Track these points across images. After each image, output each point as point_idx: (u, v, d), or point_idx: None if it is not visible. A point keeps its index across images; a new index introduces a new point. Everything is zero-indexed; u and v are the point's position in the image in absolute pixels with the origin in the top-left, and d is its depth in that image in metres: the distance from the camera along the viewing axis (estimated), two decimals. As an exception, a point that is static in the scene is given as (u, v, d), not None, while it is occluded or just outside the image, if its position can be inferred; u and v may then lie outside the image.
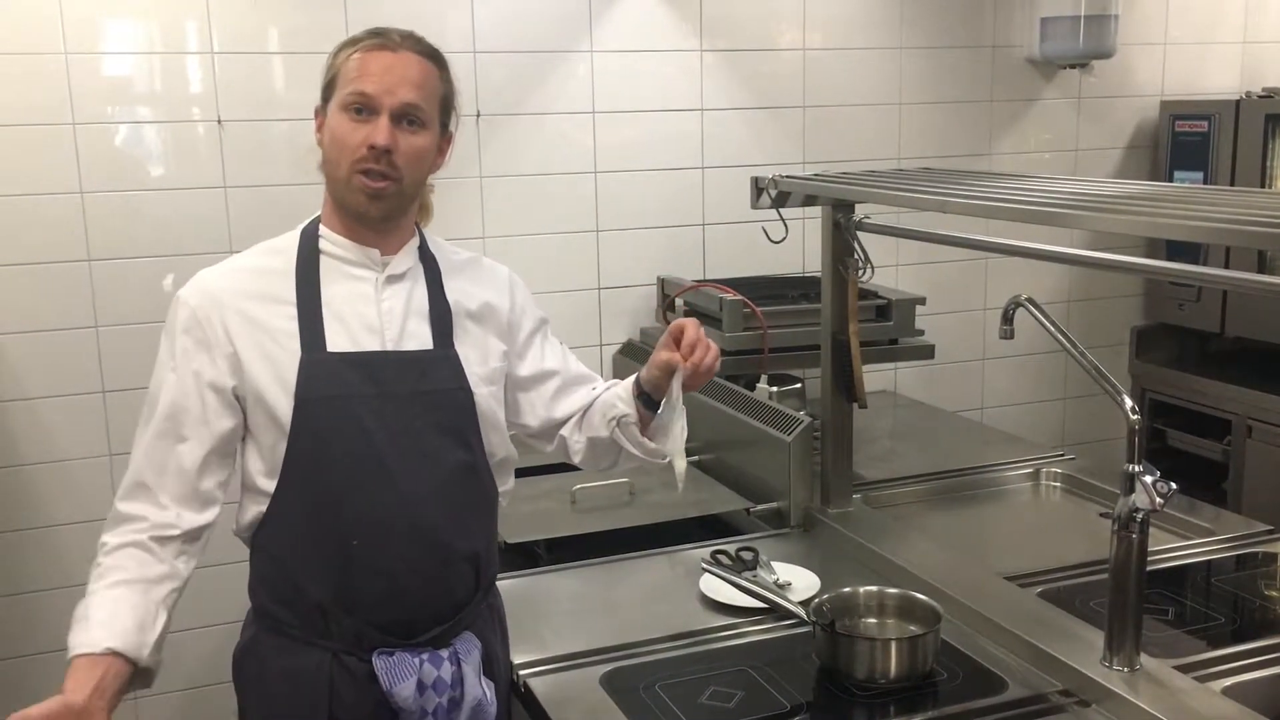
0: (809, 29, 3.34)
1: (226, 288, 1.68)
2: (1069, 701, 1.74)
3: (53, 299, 2.79)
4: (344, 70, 1.67)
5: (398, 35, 1.71)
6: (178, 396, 1.65)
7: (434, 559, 1.71)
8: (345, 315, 1.68)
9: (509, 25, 3.05)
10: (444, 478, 1.71)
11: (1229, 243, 1.70)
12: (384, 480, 1.65)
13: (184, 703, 3.03)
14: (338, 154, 1.67)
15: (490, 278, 1.86)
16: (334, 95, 1.68)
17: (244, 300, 1.67)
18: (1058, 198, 1.81)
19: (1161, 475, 1.67)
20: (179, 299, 1.69)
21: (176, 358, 1.66)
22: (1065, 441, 3.66)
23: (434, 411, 1.70)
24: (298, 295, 1.68)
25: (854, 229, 2.30)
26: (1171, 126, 3.64)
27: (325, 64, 1.72)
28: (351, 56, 1.68)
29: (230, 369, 1.65)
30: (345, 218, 1.72)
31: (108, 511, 2.98)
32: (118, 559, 1.63)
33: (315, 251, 1.72)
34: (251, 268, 1.73)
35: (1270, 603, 2.14)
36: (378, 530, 1.66)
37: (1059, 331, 1.83)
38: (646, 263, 3.26)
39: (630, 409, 1.84)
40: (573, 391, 1.92)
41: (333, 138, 1.67)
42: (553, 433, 1.92)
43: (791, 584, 2.13)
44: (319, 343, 1.65)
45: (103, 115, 2.77)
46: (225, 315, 1.65)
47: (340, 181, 1.68)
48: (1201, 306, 3.57)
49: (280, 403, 1.63)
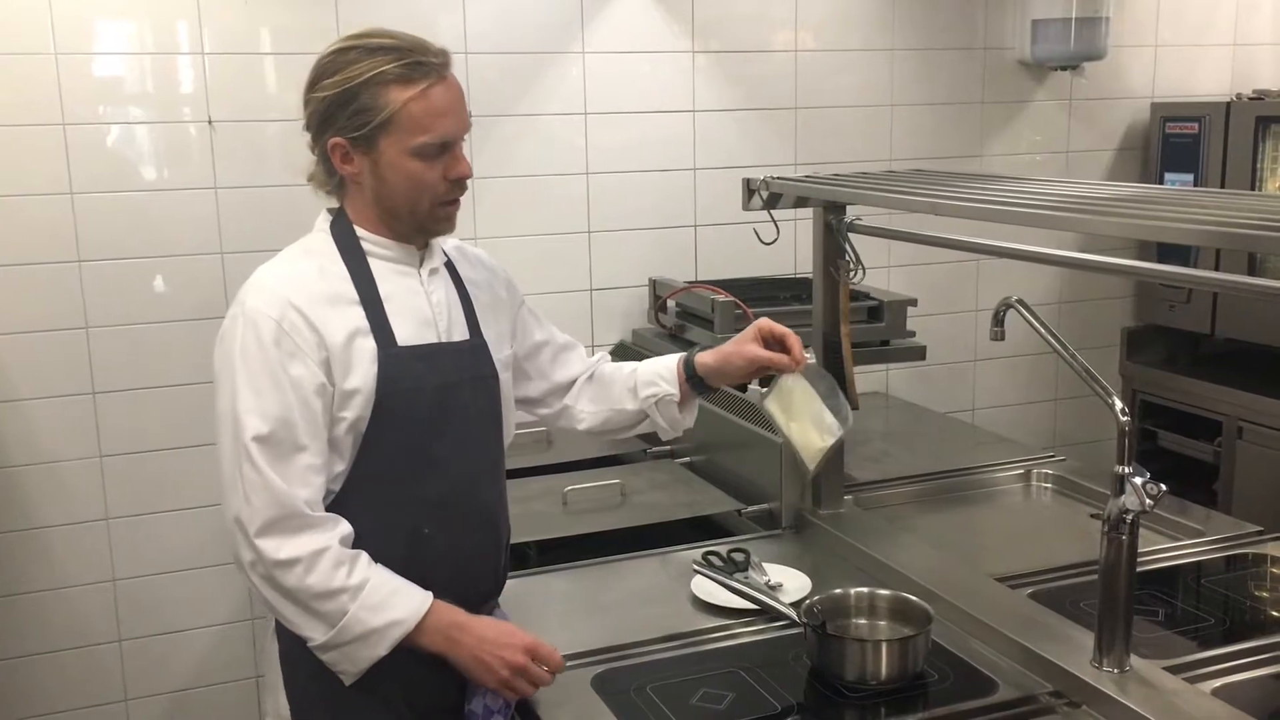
0: (801, 30, 3.35)
1: (298, 294, 1.66)
2: (1059, 703, 1.74)
3: (42, 300, 2.78)
4: (405, 115, 1.64)
5: (434, 57, 1.68)
6: (281, 412, 1.62)
7: (491, 539, 1.85)
8: (404, 310, 1.72)
9: (501, 26, 3.05)
10: (491, 461, 1.83)
11: (1220, 245, 1.71)
12: (449, 467, 1.74)
13: (173, 704, 3.03)
14: (417, 194, 1.70)
15: (479, 261, 1.95)
16: (390, 136, 1.66)
17: (316, 304, 1.67)
18: (1049, 200, 1.81)
19: (1151, 476, 1.67)
20: (255, 312, 1.64)
21: (272, 374, 1.62)
22: (1056, 443, 3.66)
23: (479, 399, 1.79)
24: (360, 294, 1.70)
25: (845, 230, 2.30)
26: (1162, 128, 3.64)
27: (347, 90, 1.65)
28: (409, 101, 1.64)
29: (325, 371, 1.65)
30: (396, 225, 1.74)
31: (96, 513, 2.99)
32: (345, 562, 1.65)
33: (360, 252, 1.73)
34: (310, 271, 1.71)
35: (1260, 604, 2.14)
36: (446, 515, 1.75)
37: (1049, 333, 1.83)
38: (638, 264, 3.27)
39: (674, 389, 1.97)
40: (565, 357, 2.04)
41: (409, 181, 1.68)
42: (553, 398, 2.03)
43: (783, 585, 2.13)
44: (390, 338, 1.69)
45: (93, 116, 2.77)
46: (308, 320, 1.65)
47: (420, 215, 1.72)
48: (1192, 308, 3.57)
49: (361, 398, 1.66)
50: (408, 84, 1.64)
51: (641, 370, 2.01)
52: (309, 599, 1.61)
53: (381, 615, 1.63)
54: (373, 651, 1.64)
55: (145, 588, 2.95)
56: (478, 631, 1.69)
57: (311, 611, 1.62)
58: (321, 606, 1.61)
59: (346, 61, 1.66)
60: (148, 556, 2.94)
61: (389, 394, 1.68)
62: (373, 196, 1.71)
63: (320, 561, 1.61)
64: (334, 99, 1.66)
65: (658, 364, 2.01)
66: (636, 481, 2.69)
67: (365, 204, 1.73)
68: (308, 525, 1.62)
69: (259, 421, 1.61)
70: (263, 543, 1.60)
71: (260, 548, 1.60)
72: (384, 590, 1.64)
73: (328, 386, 1.65)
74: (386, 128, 1.65)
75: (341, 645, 1.63)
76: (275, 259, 1.76)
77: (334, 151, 1.69)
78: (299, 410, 1.63)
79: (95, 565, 2.91)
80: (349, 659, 1.65)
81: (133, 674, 2.98)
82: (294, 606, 1.62)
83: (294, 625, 1.65)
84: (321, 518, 1.64)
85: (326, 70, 1.68)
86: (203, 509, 2.96)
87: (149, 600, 2.96)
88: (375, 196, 1.71)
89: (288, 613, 1.64)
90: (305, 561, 1.60)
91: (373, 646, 1.63)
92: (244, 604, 3.04)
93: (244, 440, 1.61)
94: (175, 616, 3.00)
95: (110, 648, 2.96)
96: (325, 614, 1.62)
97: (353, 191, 1.74)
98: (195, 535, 2.97)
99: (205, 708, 3.06)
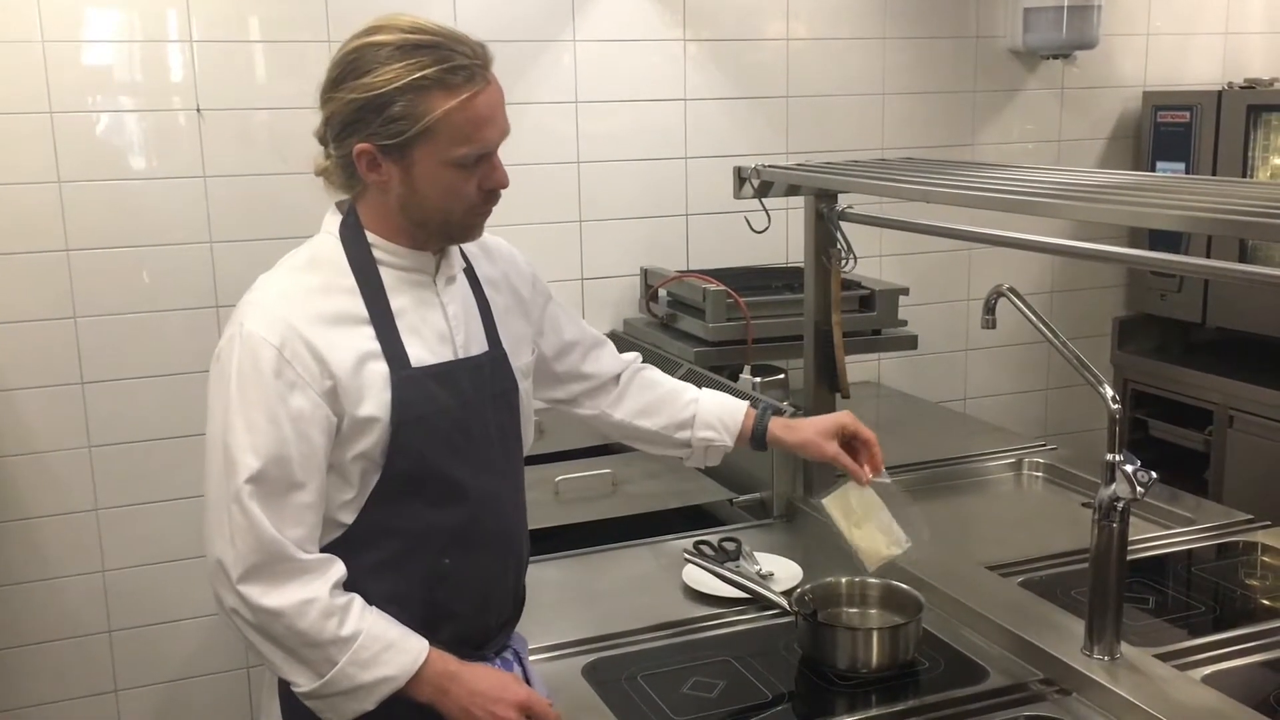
0: (792, 19, 3.34)
1: (301, 315, 1.51)
2: (1050, 690, 1.74)
3: (30, 289, 2.77)
4: (445, 125, 1.49)
5: (475, 58, 1.52)
6: (277, 449, 1.48)
7: (513, 563, 1.71)
8: (418, 326, 1.58)
9: (491, 14, 3.04)
10: (513, 480, 1.70)
11: (1212, 232, 1.71)
12: (470, 492, 1.60)
13: (164, 695, 3.02)
14: (450, 205, 1.56)
15: (500, 255, 1.80)
16: (428, 145, 1.50)
17: (322, 326, 1.51)
18: (1041, 188, 1.80)
19: (1142, 464, 1.67)
20: (254, 338, 1.49)
21: (269, 408, 1.48)
22: (1047, 432, 3.67)
23: (499, 414, 1.66)
24: (370, 312, 1.55)
25: (837, 219, 2.30)
26: (1154, 117, 3.64)
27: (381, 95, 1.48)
28: (451, 110, 1.48)
29: (329, 402, 1.51)
30: (418, 233, 1.59)
31: (85, 503, 2.97)
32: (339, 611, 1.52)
33: (371, 262, 1.58)
34: (315, 288, 1.55)
35: (1250, 592, 2.15)
36: (468, 543, 1.61)
37: (1041, 322, 1.83)
38: (629, 253, 3.26)
39: (731, 442, 1.91)
40: (597, 354, 1.92)
41: (444, 191, 1.54)
42: (586, 399, 1.92)
43: (774, 574, 2.13)
44: (404, 360, 1.55)
45: (81, 104, 2.75)
46: (312, 346, 1.50)
47: (451, 225, 1.59)
48: (1183, 297, 3.58)
49: (375, 427, 1.52)
50: (449, 90, 1.48)
51: (703, 409, 1.91)
52: (296, 646, 1.50)
53: (371, 671, 1.50)
54: (360, 705, 1.52)
55: (135, 578, 2.95)
56: (469, 684, 1.55)
57: (298, 658, 1.50)
58: (309, 655, 1.50)
59: (378, 60, 1.49)
60: (137, 547, 2.93)
61: (405, 421, 1.53)
62: (398, 204, 1.55)
63: (309, 611, 1.48)
64: (365, 102, 1.49)
65: (721, 408, 1.92)
66: (628, 471, 2.68)
67: (386, 210, 1.57)
68: (297, 571, 1.49)
69: (252, 459, 1.47)
70: (246, 589, 1.47)
71: (244, 594, 1.48)
72: (376, 645, 1.51)
73: (331, 418, 1.51)
74: (424, 137, 1.49)
75: (327, 697, 1.51)
76: (278, 269, 1.60)
77: (360, 158, 1.52)
78: (296, 445, 1.49)
79: (85, 556, 2.90)
80: (334, 710, 1.53)
81: (123, 664, 2.98)
82: (280, 652, 1.51)
83: (279, 671, 1.53)
84: (313, 561, 1.51)
85: (355, 68, 1.51)
86: (192, 499, 2.92)
87: (139, 591, 2.95)
88: (401, 205, 1.55)
89: (273, 658, 1.51)
90: (292, 612, 1.48)
91: (359, 701, 1.51)
92: (235, 594, 3.03)
93: (235, 481, 1.47)
94: (165, 607, 2.99)
95: (100, 638, 2.95)
96: (312, 663, 1.50)
97: (372, 195, 1.57)
98: (185, 525, 2.95)
99: (196, 698, 3.06)
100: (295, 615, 1.48)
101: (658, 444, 1.94)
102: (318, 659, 1.50)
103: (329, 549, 1.55)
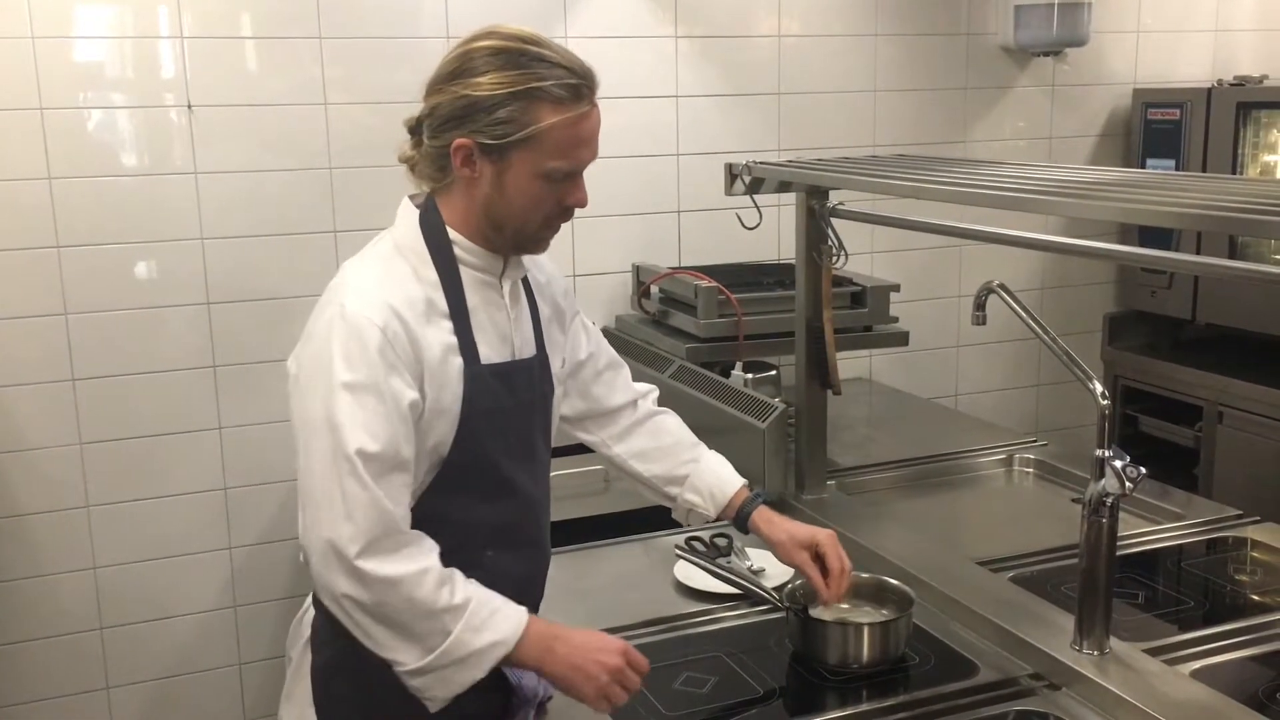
0: (784, 16, 3.34)
1: (399, 301, 1.55)
2: (1039, 685, 1.75)
3: (21, 286, 2.76)
4: (549, 137, 1.54)
5: (588, 82, 1.58)
6: (386, 427, 1.51)
7: (541, 565, 1.79)
8: (485, 325, 1.63)
9: (483, 10, 3.02)
10: (546, 482, 1.78)
11: (1202, 228, 1.71)
12: (514, 489, 1.67)
13: (156, 692, 3.02)
14: (530, 214, 1.60)
15: (544, 262, 1.83)
16: (527, 152, 1.55)
17: (414, 314, 1.56)
18: (1032, 184, 1.81)
19: (1132, 460, 1.68)
20: (358, 317, 1.52)
21: (376, 386, 1.51)
22: (1038, 428, 3.68)
23: (539, 417, 1.73)
24: (450, 306, 1.60)
25: (828, 215, 2.30)
26: (1144, 114, 3.65)
27: (496, 96, 1.52)
28: (559, 124, 1.54)
29: (419, 388, 1.56)
30: (494, 236, 1.63)
31: (77, 500, 2.96)
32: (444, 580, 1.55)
33: (451, 257, 1.62)
34: (406, 276, 1.60)
35: (1239, 587, 2.15)
36: (509, 539, 1.68)
37: (1031, 318, 1.84)
38: (621, 250, 3.26)
39: (713, 513, 1.93)
40: (610, 378, 1.94)
41: (529, 200, 1.58)
42: (592, 424, 1.95)
43: (765, 570, 2.13)
44: (475, 355, 1.61)
45: (72, 100, 2.74)
46: (410, 332, 1.55)
47: (524, 234, 1.63)
48: (1173, 293, 3.59)
49: (447, 419, 1.58)
50: (560, 106, 1.54)
51: (699, 473, 1.93)
52: (411, 620, 1.51)
53: (483, 636, 1.53)
54: (471, 674, 1.54)
55: (126, 575, 2.94)
56: (571, 641, 1.59)
57: (409, 634, 1.51)
58: (423, 627, 1.51)
59: (498, 64, 1.54)
60: (129, 544, 2.93)
61: (471, 415, 1.59)
62: (482, 204, 1.60)
63: (425, 580, 1.51)
64: (475, 101, 1.53)
65: (716, 477, 1.94)
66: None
67: (468, 208, 1.61)
68: (408, 543, 1.52)
69: (364, 435, 1.49)
70: (366, 564, 1.48)
71: (363, 570, 1.48)
72: (485, 611, 1.54)
73: (419, 404, 1.55)
74: (524, 144, 1.54)
75: (440, 669, 1.52)
76: (365, 256, 1.64)
77: (457, 151, 1.56)
78: (400, 426, 1.52)
79: (76, 552, 2.89)
80: (444, 683, 1.54)
81: (114, 661, 2.97)
82: (388, 630, 1.51)
83: (385, 649, 1.52)
84: (417, 535, 1.55)
85: (471, 67, 1.55)
86: (183, 496, 2.95)
87: (130, 588, 2.95)
88: (485, 205, 1.59)
89: (380, 637, 1.51)
90: (410, 580, 1.50)
91: (472, 669, 1.54)
92: (226, 591, 3.03)
93: (347, 452, 1.48)
94: (157, 604, 2.99)
95: (91, 635, 2.94)
96: (425, 635, 1.51)
97: (458, 192, 1.61)
98: (176, 522, 2.96)
99: (187, 695, 3.05)
100: (413, 584, 1.50)
101: (646, 488, 1.98)
102: (432, 629, 1.51)
103: None
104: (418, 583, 1.50)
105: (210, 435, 2.95)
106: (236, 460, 2.98)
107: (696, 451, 1.97)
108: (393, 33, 2.95)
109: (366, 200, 2.92)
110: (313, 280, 2.95)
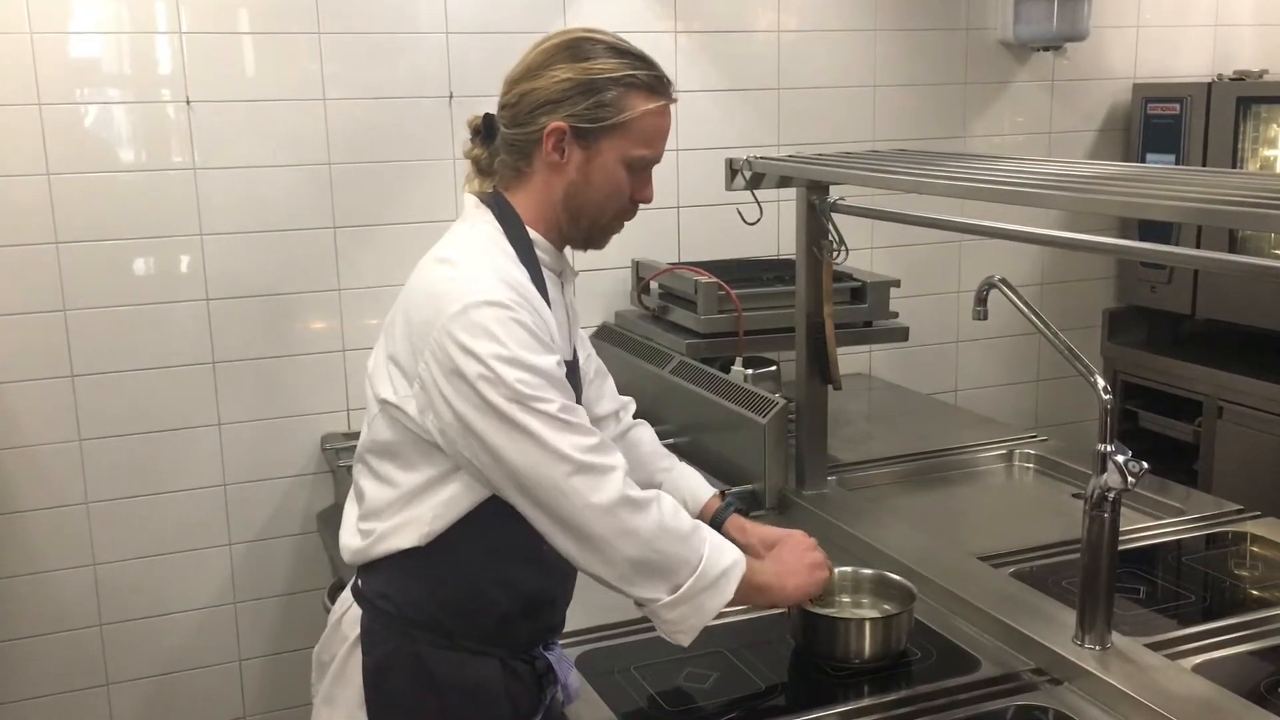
0: (783, 11, 3.34)
1: (522, 287, 1.58)
2: (1041, 680, 1.75)
3: (19, 282, 2.75)
4: (641, 124, 1.60)
5: (670, 80, 1.65)
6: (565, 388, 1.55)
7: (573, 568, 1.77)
8: (556, 322, 1.64)
9: (482, 5, 3.03)
10: None
11: (1202, 222, 1.71)
12: None
13: (155, 688, 3.02)
14: (609, 203, 1.64)
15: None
16: (618, 138, 1.60)
17: (535, 297, 1.60)
18: (1032, 178, 1.81)
19: (1133, 455, 1.68)
20: (495, 297, 1.51)
21: (539, 341, 1.53)
22: (1038, 423, 3.68)
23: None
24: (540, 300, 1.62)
25: (828, 211, 2.30)
26: (1144, 109, 3.65)
27: (595, 80, 1.58)
28: (648, 113, 1.60)
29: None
30: (569, 229, 1.67)
31: (76, 497, 2.96)
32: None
33: (533, 254, 1.64)
34: (512, 265, 1.60)
35: (1239, 581, 2.15)
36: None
37: (1032, 314, 1.83)
38: (620, 245, 3.19)
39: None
40: (599, 387, 1.94)
41: (611, 186, 1.63)
42: None
43: (766, 566, 2.13)
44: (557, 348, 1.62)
45: (69, 96, 2.74)
46: (539, 311, 1.59)
47: (598, 225, 1.67)
48: (1173, 289, 3.59)
49: None
50: (651, 95, 1.61)
51: (672, 482, 1.93)
52: (668, 544, 1.53)
53: (724, 555, 1.57)
54: (721, 597, 1.56)
55: (126, 572, 2.94)
56: (776, 553, 1.76)
57: (664, 561, 1.52)
58: (679, 550, 1.53)
59: (589, 54, 1.60)
60: (128, 540, 2.93)
61: None
62: (563, 192, 1.62)
63: (663, 499, 1.55)
64: (578, 84, 1.57)
65: (690, 487, 1.94)
66: (620, 463, 2.68)
67: (546, 201, 1.64)
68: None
69: (554, 394, 1.52)
70: (625, 494, 1.51)
71: (637, 498, 1.52)
72: (706, 532, 1.58)
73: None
74: (618, 130, 1.59)
75: (695, 596, 1.53)
76: (464, 252, 1.60)
77: (551, 135, 1.59)
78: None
79: (75, 549, 2.89)
80: (699, 611, 1.55)
81: (114, 658, 2.97)
82: (641, 560, 1.52)
83: (635, 587, 1.54)
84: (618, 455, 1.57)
85: (573, 53, 1.60)
86: (183, 492, 2.95)
87: (129, 584, 2.95)
88: (567, 193, 1.62)
89: (629, 571, 1.52)
90: (656, 500, 1.54)
91: (721, 592, 1.55)
92: (225, 587, 3.03)
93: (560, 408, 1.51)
94: (156, 600, 2.99)
95: (91, 632, 2.94)
96: (681, 560, 1.53)
97: (534, 185, 1.64)
98: (176, 518, 2.95)
99: (187, 691, 3.05)
100: (659, 502, 1.55)
101: None
102: (686, 554, 1.55)
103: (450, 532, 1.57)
104: (660, 500, 1.55)
105: (210, 431, 2.95)
106: (236, 457, 2.98)
107: (669, 462, 1.99)
108: (391, 28, 2.95)
109: (365, 196, 2.91)
110: (311, 276, 2.97)
